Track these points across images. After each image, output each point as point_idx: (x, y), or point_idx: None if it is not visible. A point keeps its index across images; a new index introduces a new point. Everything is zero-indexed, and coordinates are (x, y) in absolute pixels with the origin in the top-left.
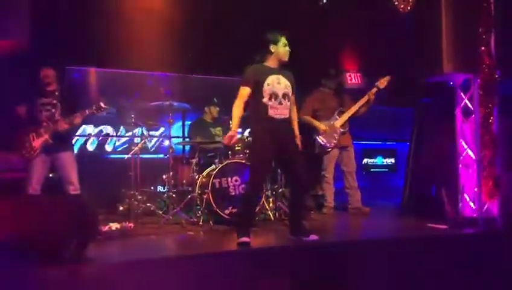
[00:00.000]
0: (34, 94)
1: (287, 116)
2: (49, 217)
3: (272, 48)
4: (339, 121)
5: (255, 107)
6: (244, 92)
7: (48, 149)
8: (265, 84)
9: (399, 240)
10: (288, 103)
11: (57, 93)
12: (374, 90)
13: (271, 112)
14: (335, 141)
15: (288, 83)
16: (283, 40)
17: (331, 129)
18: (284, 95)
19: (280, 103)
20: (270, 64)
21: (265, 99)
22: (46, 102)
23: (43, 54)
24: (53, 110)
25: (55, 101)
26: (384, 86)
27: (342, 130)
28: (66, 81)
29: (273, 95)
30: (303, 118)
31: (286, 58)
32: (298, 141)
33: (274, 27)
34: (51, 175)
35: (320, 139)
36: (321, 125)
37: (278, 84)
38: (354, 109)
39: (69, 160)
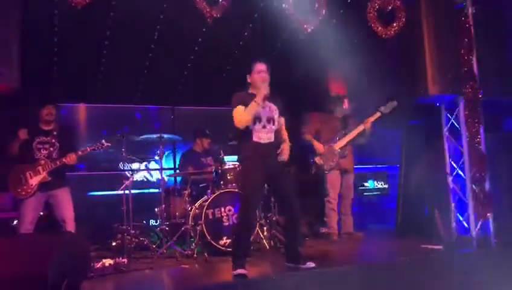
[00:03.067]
0: (29, 132)
1: (273, 140)
2: (39, 256)
3: (248, 78)
4: (339, 144)
5: (241, 134)
6: (240, 108)
7: (44, 187)
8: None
9: (396, 264)
10: (274, 127)
11: (55, 133)
12: (372, 118)
13: (255, 137)
14: (332, 163)
15: (273, 106)
16: (256, 68)
17: (330, 151)
18: (269, 119)
19: (264, 127)
20: (252, 92)
21: (249, 124)
22: (44, 140)
23: (31, 92)
24: (51, 149)
25: (53, 140)
26: (389, 112)
27: (340, 152)
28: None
29: (257, 119)
30: (305, 137)
31: (262, 84)
32: (287, 147)
33: (263, 55)
34: (41, 213)
35: (318, 160)
36: (319, 146)
37: (261, 108)
38: (353, 134)
39: (65, 197)
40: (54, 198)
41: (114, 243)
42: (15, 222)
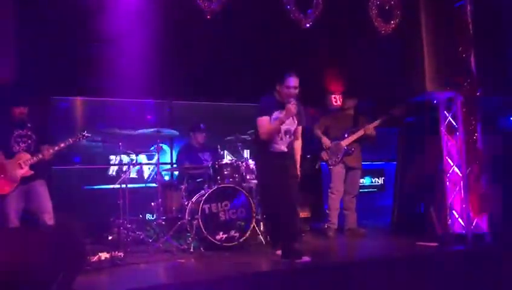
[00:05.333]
0: (8, 127)
1: (286, 150)
2: (34, 250)
3: (277, 86)
4: (346, 141)
5: (258, 140)
6: (265, 120)
7: (24, 180)
8: (271, 119)
9: (391, 260)
10: (289, 139)
11: (29, 125)
12: (373, 125)
13: (271, 147)
14: (336, 159)
15: (295, 119)
16: (286, 82)
17: (336, 147)
18: (286, 132)
19: (281, 139)
20: (279, 99)
21: None
22: (22, 134)
23: (27, 85)
24: (29, 142)
25: (30, 133)
26: (399, 114)
27: (346, 149)
28: (51, 112)
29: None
30: (315, 132)
31: (287, 98)
32: (298, 170)
33: (258, 53)
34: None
35: (324, 154)
36: (326, 141)
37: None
38: (359, 133)
39: (43, 188)
40: (33, 190)
41: (110, 237)
42: None
